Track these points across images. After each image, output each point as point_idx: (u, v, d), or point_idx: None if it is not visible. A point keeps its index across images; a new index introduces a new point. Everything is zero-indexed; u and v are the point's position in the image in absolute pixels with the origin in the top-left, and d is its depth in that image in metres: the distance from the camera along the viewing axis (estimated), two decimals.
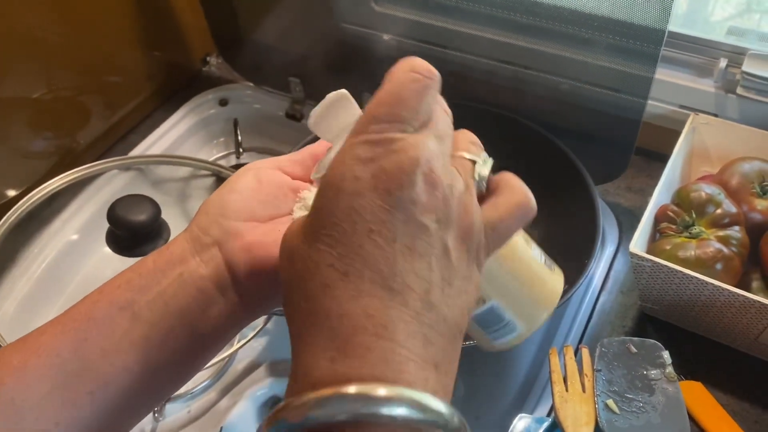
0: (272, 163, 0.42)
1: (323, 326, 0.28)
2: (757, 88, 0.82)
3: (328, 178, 0.29)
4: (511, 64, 0.87)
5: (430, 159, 0.29)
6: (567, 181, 0.82)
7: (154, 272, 0.38)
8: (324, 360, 0.27)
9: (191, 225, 0.40)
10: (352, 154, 0.29)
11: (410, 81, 0.30)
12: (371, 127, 0.29)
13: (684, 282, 0.69)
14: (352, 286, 0.28)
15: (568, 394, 0.63)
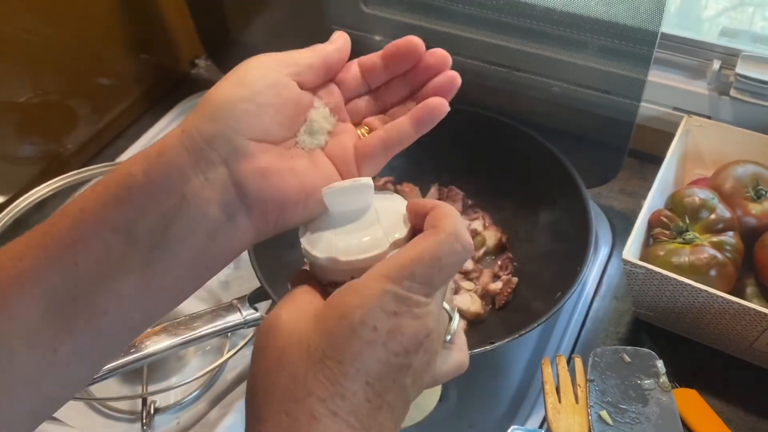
0: (290, 69, 0.37)
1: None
2: (751, 90, 0.81)
3: (350, 313, 0.31)
4: (502, 66, 0.86)
5: (437, 331, 0.33)
6: (559, 185, 0.81)
7: (148, 188, 0.34)
8: None
9: (189, 128, 0.35)
10: (380, 302, 0.31)
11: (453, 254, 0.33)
12: (405, 282, 0.32)
13: (678, 289, 0.68)
14: (336, 426, 0.30)
15: (561, 406, 0.62)
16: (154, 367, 0.80)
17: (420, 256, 0.32)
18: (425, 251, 0.32)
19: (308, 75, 0.38)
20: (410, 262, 0.32)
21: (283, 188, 0.36)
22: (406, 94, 0.41)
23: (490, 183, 0.89)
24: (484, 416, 0.75)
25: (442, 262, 0.32)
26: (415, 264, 0.32)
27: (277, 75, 0.37)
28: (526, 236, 0.86)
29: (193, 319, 0.70)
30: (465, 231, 0.33)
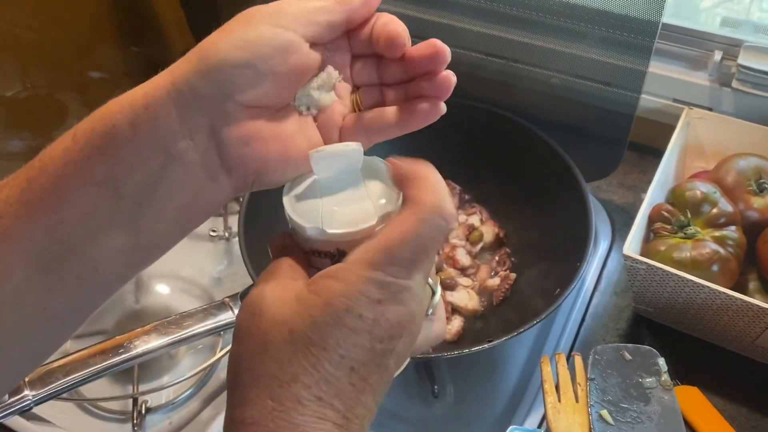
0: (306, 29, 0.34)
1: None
2: (753, 81, 0.80)
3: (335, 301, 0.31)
4: (500, 57, 0.84)
5: (420, 312, 0.33)
6: (557, 178, 0.79)
7: (134, 144, 0.32)
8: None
9: (180, 81, 0.33)
10: (365, 290, 0.31)
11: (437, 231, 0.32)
12: (389, 268, 0.31)
13: (679, 285, 0.67)
14: (321, 410, 0.31)
15: (561, 405, 0.60)
16: (146, 367, 0.79)
17: (403, 239, 0.32)
18: (408, 234, 0.32)
19: (324, 34, 0.35)
20: (394, 247, 0.31)
21: (265, 155, 0.35)
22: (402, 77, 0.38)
23: (487, 177, 0.87)
24: (482, 415, 0.74)
25: (426, 242, 0.32)
26: (399, 248, 0.31)
27: (288, 36, 0.34)
28: (524, 231, 0.85)
29: (184, 317, 0.68)
30: (447, 200, 0.33)
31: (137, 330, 0.66)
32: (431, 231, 0.32)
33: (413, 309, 0.32)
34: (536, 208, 0.83)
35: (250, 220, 0.75)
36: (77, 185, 0.32)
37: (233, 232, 0.91)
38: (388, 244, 0.32)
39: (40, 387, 0.60)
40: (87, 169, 0.32)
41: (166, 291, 0.87)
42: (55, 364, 0.61)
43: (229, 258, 0.91)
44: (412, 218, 0.32)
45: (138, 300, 0.86)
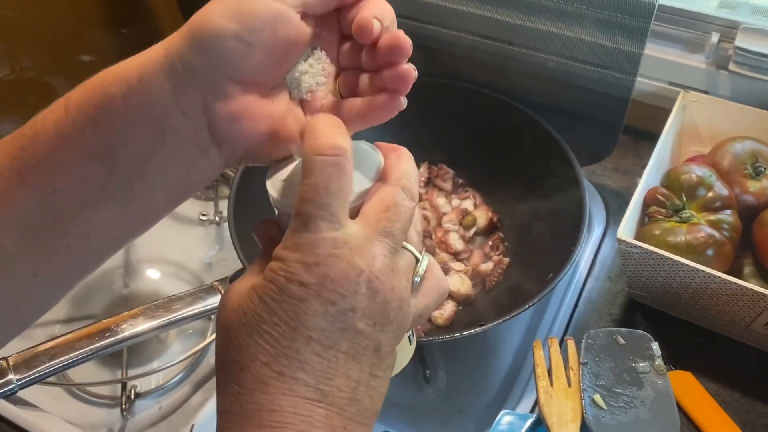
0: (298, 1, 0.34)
1: (253, 416, 0.30)
2: (750, 63, 0.79)
3: (275, 278, 0.30)
4: (494, 39, 0.83)
5: (373, 265, 0.31)
6: (552, 162, 0.78)
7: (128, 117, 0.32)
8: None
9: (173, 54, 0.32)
10: (297, 257, 0.30)
11: (322, 166, 0.31)
12: (308, 226, 0.31)
13: (674, 269, 0.66)
14: (285, 385, 0.30)
15: (553, 389, 0.60)
16: (135, 351, 0.78)
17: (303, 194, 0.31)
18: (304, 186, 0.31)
19: (316, 5, 0.35)
20: (300, 204, 0.31)
21: (254, 133, 0.35)
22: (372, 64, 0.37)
23: (481, 161, 0.86)
24: (474, 400, 0.73)
25: (321, 184, 0.31)
26: (304, 203, 0.31)
27: (277, 6, 0.33)
28: (518, 215, 0.84)
29: (173, 301, 0.67)
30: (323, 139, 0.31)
31: (124, 313, 0.65)
32: (318, 172, 0.31)
33: (358, 263, 0.31)
34: (530, 193, 0.82)
35: (240, 205, 0.74)
36: (71, 156, 0.32)
37: (223, 217, 0.90)
38: (297, 205, 0.31)
39: (25, 371, 0.59)
40: (80, 141, 0.32)
41: (156, 275, 0.86)
42: (41, 348, 0.61)
43: (219, 242, 0.90)
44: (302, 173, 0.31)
45: (127, 284, 0.85)
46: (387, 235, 0.32)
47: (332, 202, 0.31)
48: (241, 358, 0.31)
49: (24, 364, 0.59)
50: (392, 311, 0.32)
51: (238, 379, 0.31)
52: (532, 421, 0.60)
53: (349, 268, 0.31)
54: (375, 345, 0.32)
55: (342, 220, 0.31)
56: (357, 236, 0.32)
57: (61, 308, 0.83)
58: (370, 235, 0.32)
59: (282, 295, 0.30)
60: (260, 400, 0.30)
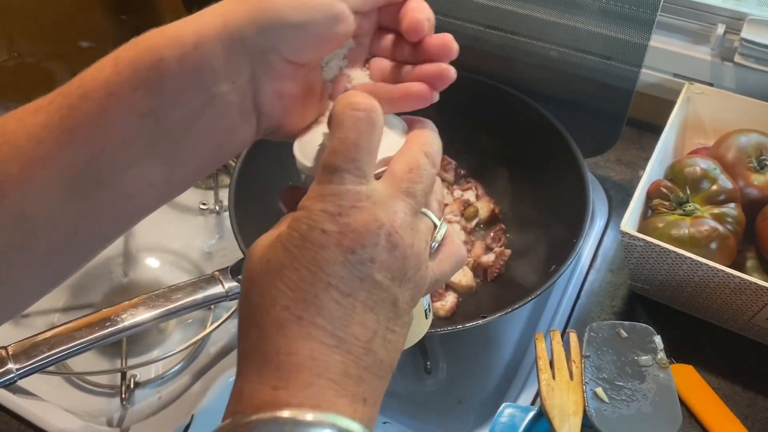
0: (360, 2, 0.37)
1: (272, 359, 0.31)
2: (756, 55, 0.78)
3: (298, 226, 0.32)
4: (498, 29, 0.82)
5: (395, 220, 0.32)
6: (555, 153, 0.78)
7: (180, 79, 0.33)
8: (268, 387, 0.31)
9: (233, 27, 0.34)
10: (321, 207, 0.32)
11: (354, 121, 0.32)
12: (333, 178, 0.32)
13: (677, 262, 0.66)
14: (304, 329, 0.31)
15: (555, 382, 0.59)
16: (135, 341, 0.78)
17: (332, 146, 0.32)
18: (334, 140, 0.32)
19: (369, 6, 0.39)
20: (329, 157, 0.32)
21: (293, 110, 0.38)
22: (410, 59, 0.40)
23: (484, 151, 0.86)
24: (474, 392, 0.73)
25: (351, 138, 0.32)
26: (333, 155, 0.32)
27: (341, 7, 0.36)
28: (520, 207, 0.83)
29: (173, 291, 0.66)
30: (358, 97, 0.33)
31: (125, 303, 0.64)
32: (351, 126, 0.32)
33: (381, 216, 0.32)
34: (533, 184, 0.82)
35: (241, 194, 0.74)
36: (121, 116, 0.33)
37: (224, 206, 0.89)
38: (324, 158, 0.33)
39: (25, 360, 0.59)
40: (131, 101, 0.33)
41: (156, 265, 0.86)
42: (40, 337, 0.60)
43: (219, 232, 0.89)
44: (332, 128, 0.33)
45: (126, 273, 0.85)
46: (409, 195, 0.34)
47: (361, 157, 0.32)
48: (263, 303, 0.32)
49: (23, 353, 0.59)
50: (410, 269, 0.33)
51: (259, 322, 0.32)
52: (534, 414, 0.59)
53: (371, 220, 0.32)
54: (392, 299, 0.33)
55: (368, 176, 0.33)
56: (380, 192, 0.33)
57: (60, 297, 0.82)
58: (393, 193, 0.33)
59: (304, 242, 0.31)
60: (279, 343, 0.31)
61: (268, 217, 0.77)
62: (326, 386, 0.31)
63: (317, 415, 0.30)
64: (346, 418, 0.30)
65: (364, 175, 0.32)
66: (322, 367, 0.31)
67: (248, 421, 0.29)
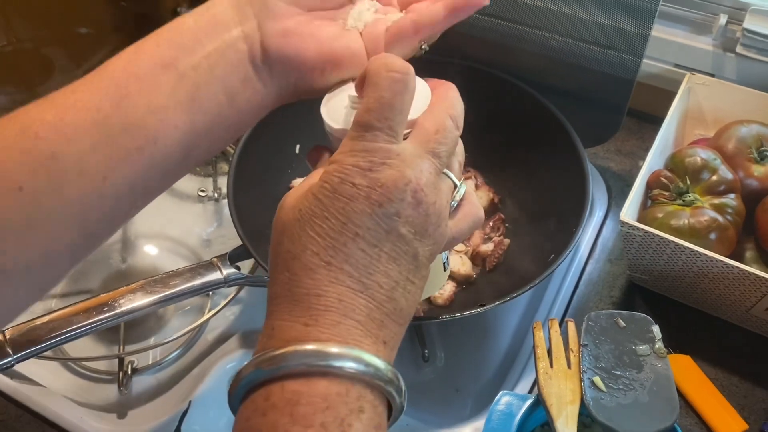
0: None
1: (302, 299, 0.33)
2: (758, 46, 0.78)
3: (329, 178, 0.34)
4: (498, 18, 0.82)
5: (420, 178, 0.35)
6: (555, 143, 0.78)
7: (195, 32, 0.39)
8: (299, 324, 0.33)
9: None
10: (353, 161, 0.34)
11: (390, 82, 0.34)
12: (366, 135, 0.34)
13: (676, 252, 0.66)
14: (332, 274, 0.33)
15: (553, 371, 0.59)
16: (133, 327, 0.78)
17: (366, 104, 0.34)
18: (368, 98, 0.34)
19: None
20: (362, 114, 0.34)
21: (301, 50, 0.40)
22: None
23: (483, 141, 0.85)
24: (472, 381, 0.73)
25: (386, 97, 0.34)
26: (366, 113, 0.34)
27: None
28: (519, 196, 0.83)
29: (171, 276, 0.66)
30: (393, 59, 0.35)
31: (122, 288, 0.64)
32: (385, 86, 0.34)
33: (408, 174, 0.34)
34: (532, 174, 0.82)
35: (240, 181, 0.73)
36: (145, 65, 0.38)
37: (222, 193, 0.89)
38: (357, 115, 0.35)
39: (22, 344, 0.59)
40: (155, 54, 0.38)
41: (154, 251, 0.86)
42: (38, 322, 0.60)
43: (218, 219, 0.89)
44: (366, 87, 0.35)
45: (125, 260, 0.85)
46: (435, 155, 0.36)
47: (393, 117, 0.34)
48: (294, 249, 0.34)
49: (21, 337, 0.59)
50: (431, 225, 0.35)
51: (290, 266, 0.34)
52: (531, 402, 0.60)
53: (399, 176, 0.34)
54: (413, 252, 0.35)
55: (398, 136, 0.35)
56: (409, 151, 0.35)
57: None
58: (420, 152, 0.35)
59: (335, 194, 0.34)
60: (308, 285, 0.33)
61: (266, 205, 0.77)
62: (352, 326, 0.33)
63: (345, 349, 0.32)
64: (371, 354, 0.32)
65: (395, 134, 0.34)
66: (349, 309, 0.33)
67: (281, 353, 0.32)
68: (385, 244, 0.34)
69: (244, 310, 0.79)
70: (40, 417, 0.67)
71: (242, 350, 0.73)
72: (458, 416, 0.70)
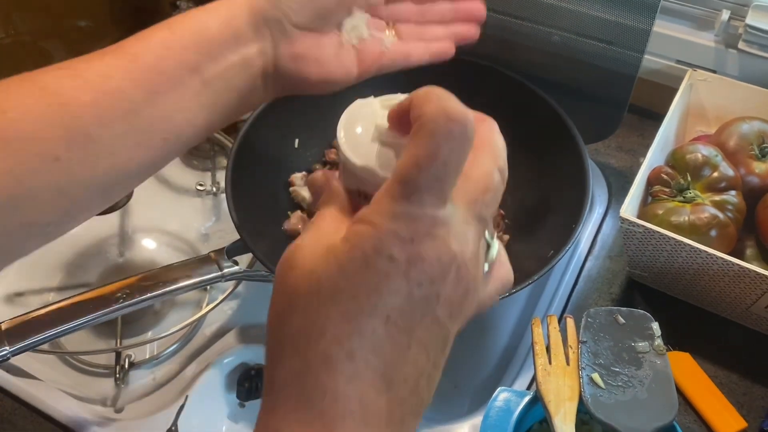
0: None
1: (316, 401, 0.27)
2: (760, 42, 0.77)
3: (362, 244, 0.28)
4: (499, 12, 0.81)
5: (465, 252, 0.29)
6: (555, 139, 0.77)
7: (219, 43, 0.45)
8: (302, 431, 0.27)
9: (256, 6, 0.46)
10: (393, 228, 0.27)
11: (448, 135, 0.27)
12: (414, 197, 0.27)
13: (676, 249, 0.65)
14: (353, 368, 0.27)
15: (552, 367, 0.59)
16: (130, 321, 0.78)
17: (416, 161, 0.27)
18: (420, 153, 0.27)
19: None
20: (408, 172, 0.27)
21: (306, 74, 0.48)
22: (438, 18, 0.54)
23: None
24: (470, 377, 0.73)
25: (443, 155, 0.27)
26: (414, 171, 0.27)
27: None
28: (519, 192, 0.83)
29: (169, 271, 0.66)
30: (454, 104, 0.28)
31: (119, 282, 0.64)
32: (442, 140, 0.27)
33: (454, 248, 0.28)
34: (532, 169, 0.81)
35: (238, 176, 0.73)
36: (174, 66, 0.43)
37: (221, 188, 0.89)
38: (403, 171, 0.28)
39: (18, 338, 0.59)
40: (183, 57, 0.43)
41: (152, 245, 0.86)
42: (34, 315, 0.60)
43: (216, 214, 0.89)
44: (419, 136, 0.28)
45: (122, 253, 0.84)
46: (480, 220, 0.30)
47: (447, 178, 0.28)
48: (309, 330, 0.28)
49: (17, 330, 0.58)
50: (467, 302, 0.30)
51: (303, 352, 0.28)
52: (529, 399, 0.59)
53: (445, 251, 0.28)
54: (445, 335, 0.30)
55: (448, 198, 0.28)
56: (456, 217, 0.29)
57: (54, 276, 0.82)
58: (468, 218, 0.29)
59: (368, 267, 0.27)
60: (324, 383, 0.27)
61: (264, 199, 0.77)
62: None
63: None
64: None
65: (445, 197, 0.28)
66: (370, 414, 0.27)
67: None
68: (417, 329, 0.28)
69: (241, 305, 0.79)
70: (36, 411, 0.67)
71: (240, 345, 0.73)
72: (456, 412, 0.69)
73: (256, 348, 0.73)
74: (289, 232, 0.77)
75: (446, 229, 0.28)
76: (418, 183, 0.27)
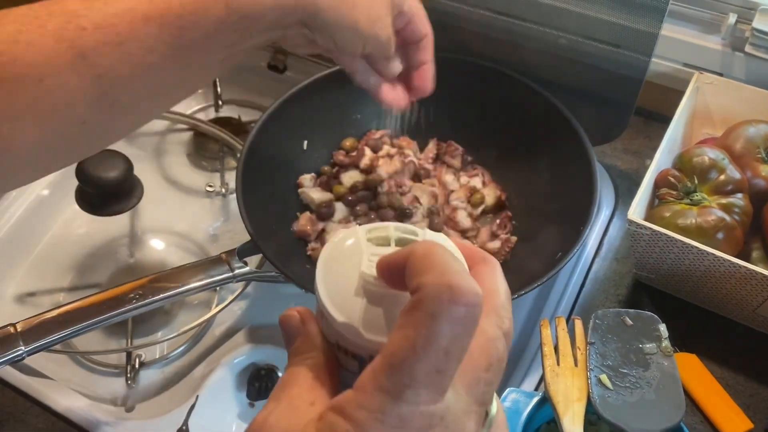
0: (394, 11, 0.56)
1: None
2: (767, 46, 0.78)
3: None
4: (507, 15, 0.82)
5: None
6: (563, 141, 0.78)
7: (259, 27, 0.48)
8: None
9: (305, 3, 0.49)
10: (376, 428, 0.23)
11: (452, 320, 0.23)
12: (406, 393, 0.23)
13: (683, 251, 0.66)
14: None
15: (560, 368, 0.60)
16: (140, 321, 0.78)
17: (413, 344, 0.23)
18: (417, 334, 0.23)
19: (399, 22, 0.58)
20: (404, 356, 0.23)
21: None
22: None
23: (491, 138, 0.85)
24: None
25: (443, 342, 0.23)
26: (412, 357, 0.23)
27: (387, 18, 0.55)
28: (526, 194, 0.83)
29: (180, 271, 0.67)
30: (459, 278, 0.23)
31: (132, 283, 0.65)
32: (445, 325, 0.23)
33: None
34: (539, 172, 0.82)
35: (249, 177, 0.74)
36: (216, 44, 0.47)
37: (230, 188, 0.89)
38: (396, 354, 0.23)
39: (33, 338, 0.59)
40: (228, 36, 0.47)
41: (161, 246, 0.86)
42: (48, 316, 0.61)
43: (225, 214, 0.89)
44: (413, 314, 0.23)
45: (132, 254, 0.85)
46: (482, 403, 0.26)
47: (447, 370, 0.23)
48: None
49: (32, 330, 0.59)
50: None
51: None
52: (538, 400, 0.60)
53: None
54: None
55: (447, 390, 0.24)
56: (454, 409, 0.24)
57: (65, 276, 0.82)
58: (469, 406, 0.25)
59: None
60: None
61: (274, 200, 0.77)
62: None
63: None
64: None
65: (444, 389, 0.24)
66: None
67: None
68: None
69: (251, 305, 0.79)
70: (48, 409, 0.67)
71: (249, 345, 0.74)
72: None
73: (266, 348, 0.74)
74: (297, 233, 0.77)
75: (443, 424, 0.24)
76: (413, 374, 0.23)
